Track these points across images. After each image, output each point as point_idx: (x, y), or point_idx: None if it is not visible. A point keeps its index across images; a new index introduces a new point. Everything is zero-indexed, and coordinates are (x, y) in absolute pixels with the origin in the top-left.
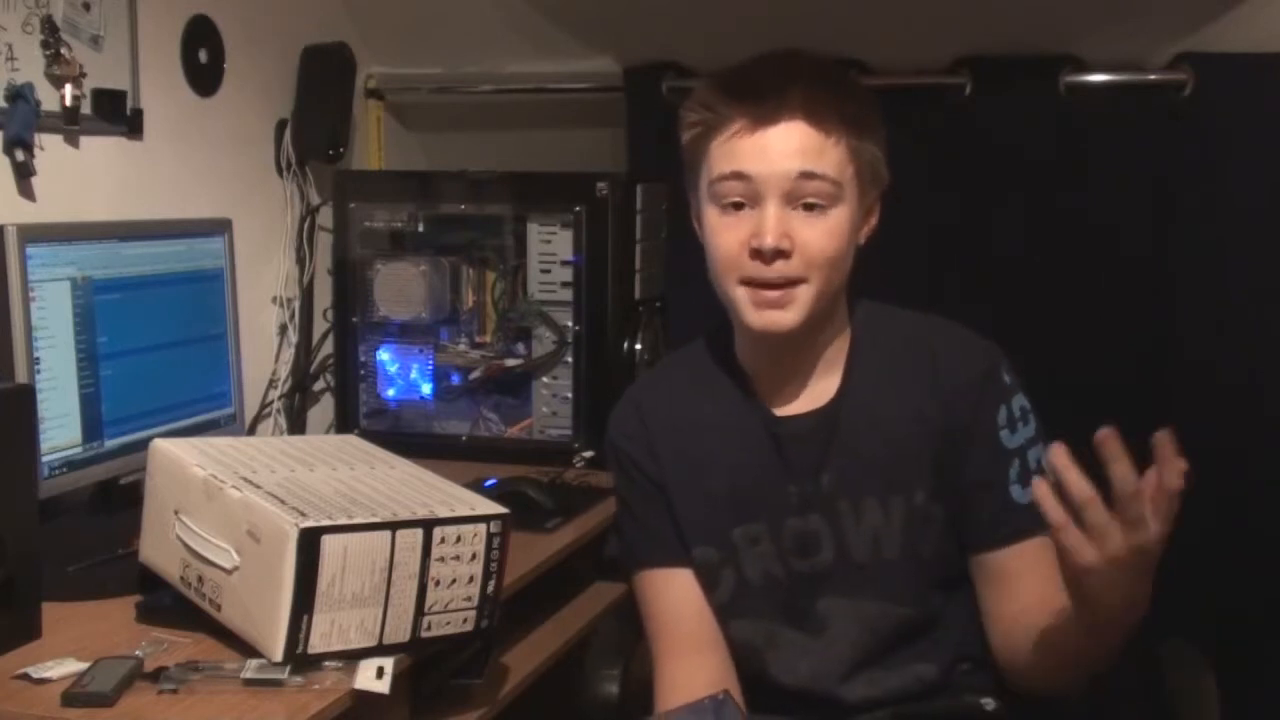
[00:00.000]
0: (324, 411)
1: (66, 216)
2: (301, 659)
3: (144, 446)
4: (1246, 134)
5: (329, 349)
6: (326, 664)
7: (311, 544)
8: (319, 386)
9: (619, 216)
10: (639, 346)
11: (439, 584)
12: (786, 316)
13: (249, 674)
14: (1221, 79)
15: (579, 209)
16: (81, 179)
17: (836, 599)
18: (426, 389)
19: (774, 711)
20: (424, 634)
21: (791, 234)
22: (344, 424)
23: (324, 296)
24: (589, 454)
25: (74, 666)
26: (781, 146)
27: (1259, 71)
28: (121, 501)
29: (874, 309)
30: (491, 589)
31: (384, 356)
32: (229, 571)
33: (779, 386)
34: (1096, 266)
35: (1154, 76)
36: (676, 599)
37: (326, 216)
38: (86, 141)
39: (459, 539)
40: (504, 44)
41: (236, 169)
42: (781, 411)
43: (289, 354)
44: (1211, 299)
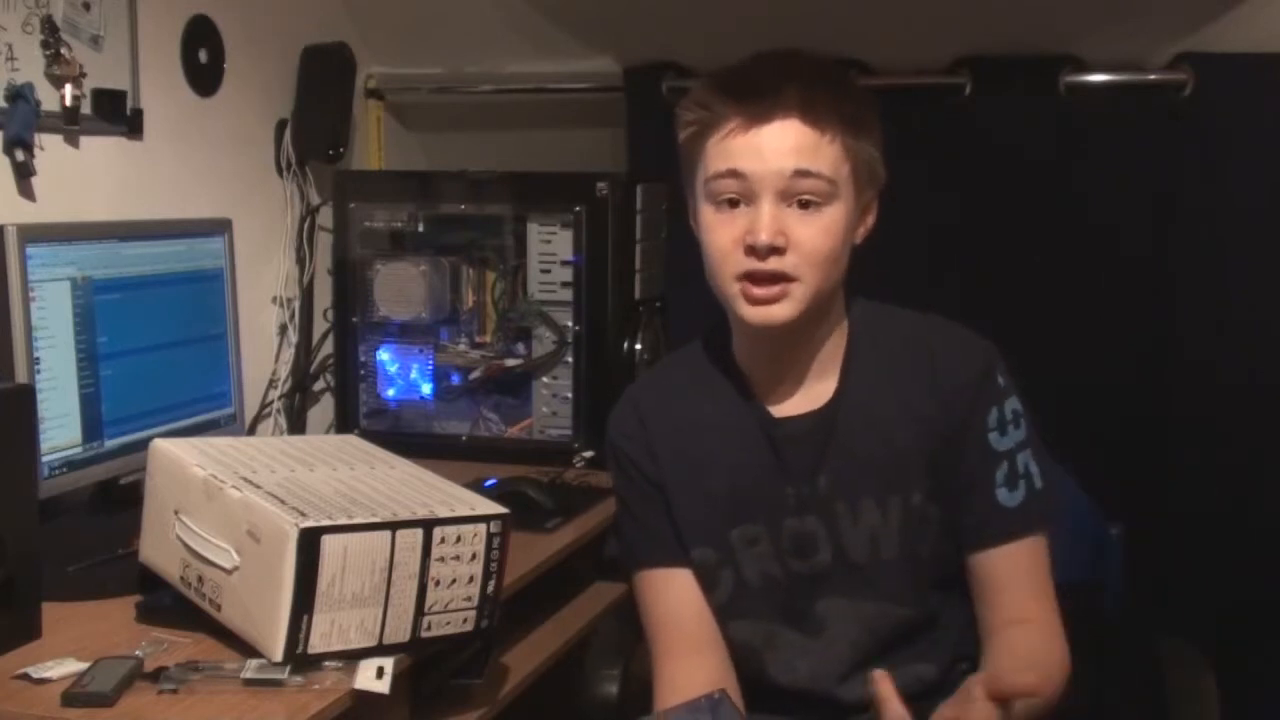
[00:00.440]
0: (324, 411)
1: (66, 216)
2: (301, 659)
3: (144, 446)
4: (1246, 134)
5: (329, 349)
6: (326, 664)
7: (311, 544)
8: (319, 386)
9: (619, 216)
10: (639, 346)
11: (439, 584)
12: (781, 311)
13: (249, 674)
14: (1221, 79)
15: (579, 209)
16: (81, 179)
17: (835, 599)
18: (426, 389)
19: (773, 712)
20: (424, 634)
21: (786, 231)
22: (344, 424)
23: (324, 296)
24: (589, 454)
25: (74, 666)
26: (776, 144)
27: (1259, 71)
28: (121, 501)
29: (871, 308)
30: (491, 589)
31: (384, 356)
32: (229, 571)
33: (776, 387)
34: (1096, 266)
35: (1154, 76)
36: (676, 599)
37: (326, 216)
38: (86, 141)
39: (459, 539)
40: (504, 44)
41: (236, 169)
42: (779, 412)
43: (289, 354)
44: (1211, 299)
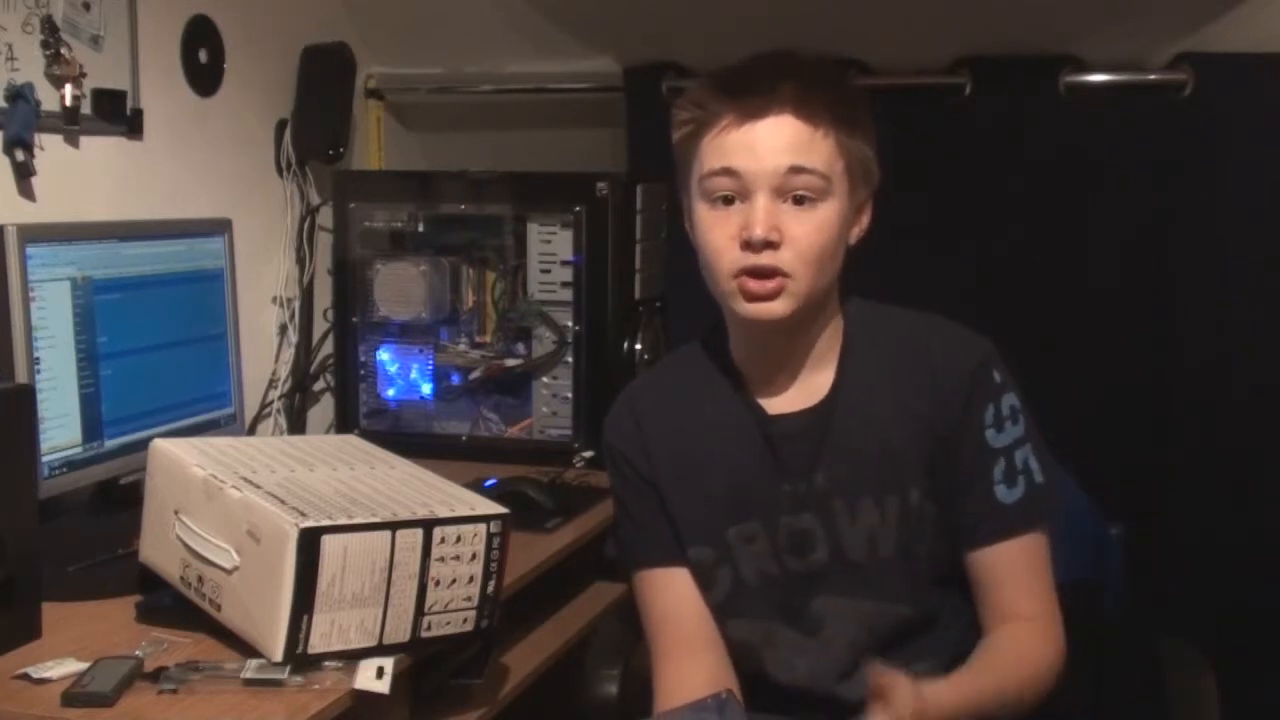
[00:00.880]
0: (324, 411)
1: (66, 216)
2: (301, 659)
3: (144, 446)
4: (1246, 134)
5: (329, 349)
6: (326, 664)
7: (311, 544)
8: (319, 386)
9: (619, 216)
10: (639, 346)
11: (439, 584)
12: (777, 307)
13: (249, 674)
14: (1221, 79)
15: (579, 209)
16: (81, 179)
17: (832, 598)
18: (426, 389)
19: (773, 711)
20: (424, 634)
21: (781, 227)
22: (344, 424)
23: (324, 296)
24: (589, 454)
25: (74, 666)
26: (770, 141)
27: (1259, 71)
28: (121, 501)
29: (867, 307)
30: (491, 589)
31: (384, 356)
32: (229, 571)
33: (771, 384)
34: (1096, 266)
35: (1154, 76)
36: (674, 599)
37: (326, 216)
38: (86, 141)
39: (459, 539)
40: (504, 44)
41: (236, 169)
42: (774, 409)
43: (289, 354)
44: (1211, 299)
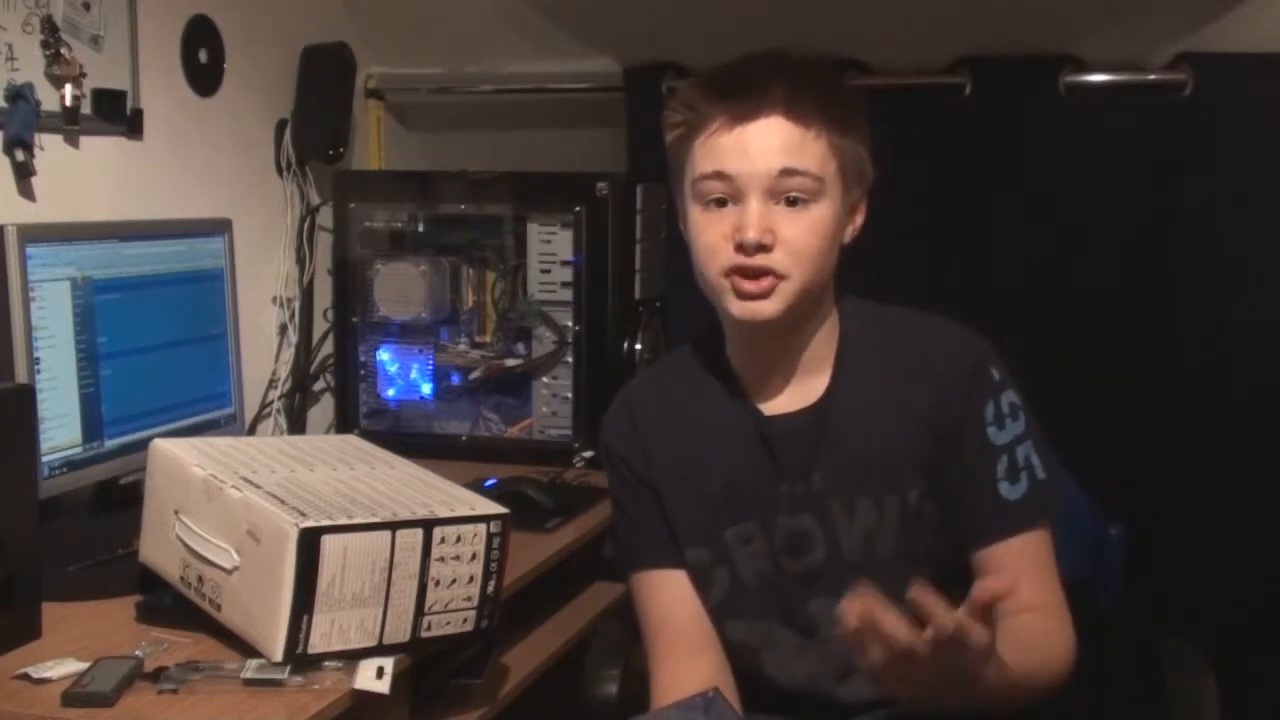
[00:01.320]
0: (324, 411)
1: (66, 216)
2: (301, 659)
3: (144, 446)
4: (1246, 134)
5: (329, 349)
6: (326, 664)
7: (311, 544)
8: (319, 386)
9: (619, 216)
10: (639, 346)
11: (439, 584)
12: (769, 307)
13: (249, 674)
14: (1221, 79)
15: (579, 209)
16: (81, 179)
17: (829, 599)
18: (426, 389)
19: (773, 712)
20: (424, 634)
21: (774, 228)
22: (344, 424)
23: (324, 296)
24: (589, 454)
25: (74, 666)
26: (762, 144)
27: (1259, 71)
28: (121, 501)
29: (862, 306)
30: (491, 589)
31: (384, 356)
32: (229, 571)
33: (767, 385)
34: (1096, 266)
35: (1154, 76)
36: (671, 600)
37: (326, 216)
38: (86, 141)
39: (459, 539)
40: (504, 44)
41: (236, 169)
42: (770, 411)
43: (289, 354)
44: (1211, 299)
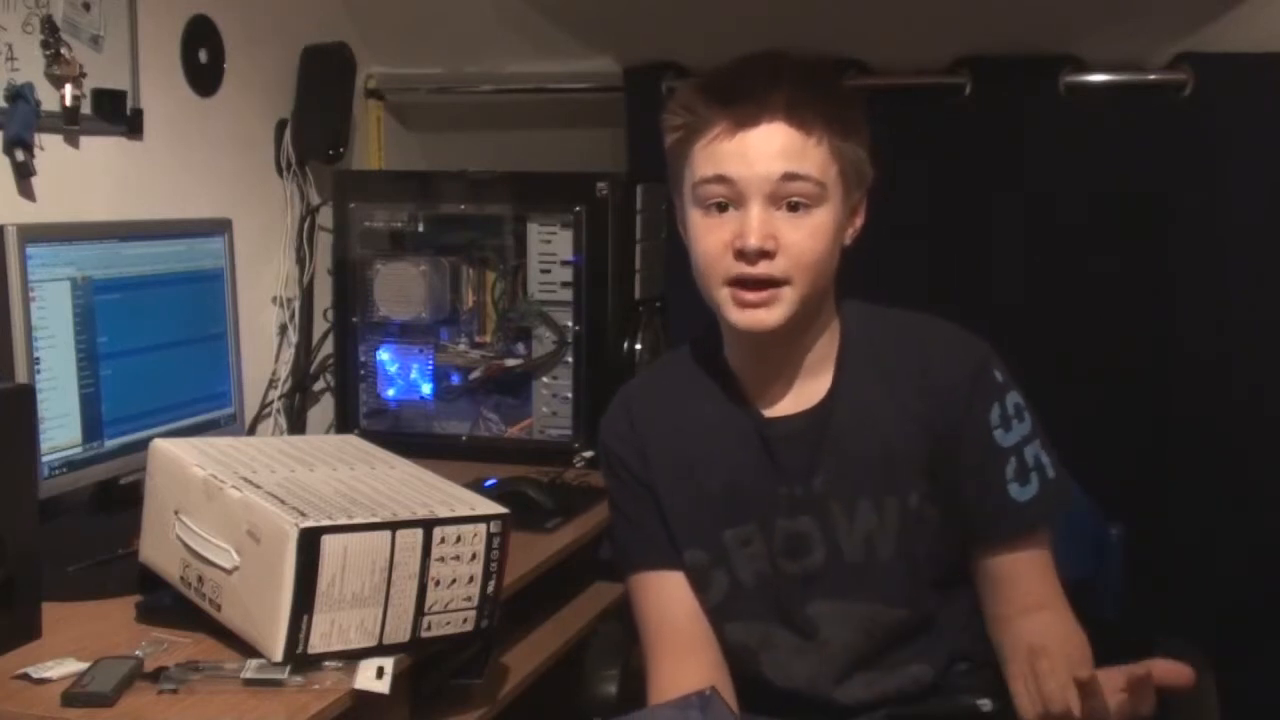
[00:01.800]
0: (324, 411)
1: (66, 216)
2: (301, 659)
3: (144, 446)
4: (1246, 134)
5: (329, 349)
6: (326, 664)
7: (311, 544)
8: (319, 386)
9: (619, 216)
10: (639, 346)
11: (439, 584)
12: (770, 315)
13: (249, 674)
14: (1221, 79)
15: (579, 209)
16: (81, 179)
17: (828, 601)
18: (426, 389)
19: (770, 713)
20: (424, 634)
21: (776, 234)
22: (344, 424)
23: (324, 296)
24: (589, 454)
25: (74, 666)
26: (763, 148)
27: (1259, 71)
28: (121, 501)
29: (862, 309)
30: (491, 589)
31: (384, 356)
32: (229, 571)
33: (768, 388)
34: (1096, 266)
35: (1154, 76)
36: (669, 600)
37: (326, 216)
38: (86, 141)
39: (459, 539)
40: (504, 44)
41: (236, 169)
42: (771, 413)
43: (289, 354)
44: (1211, 299)
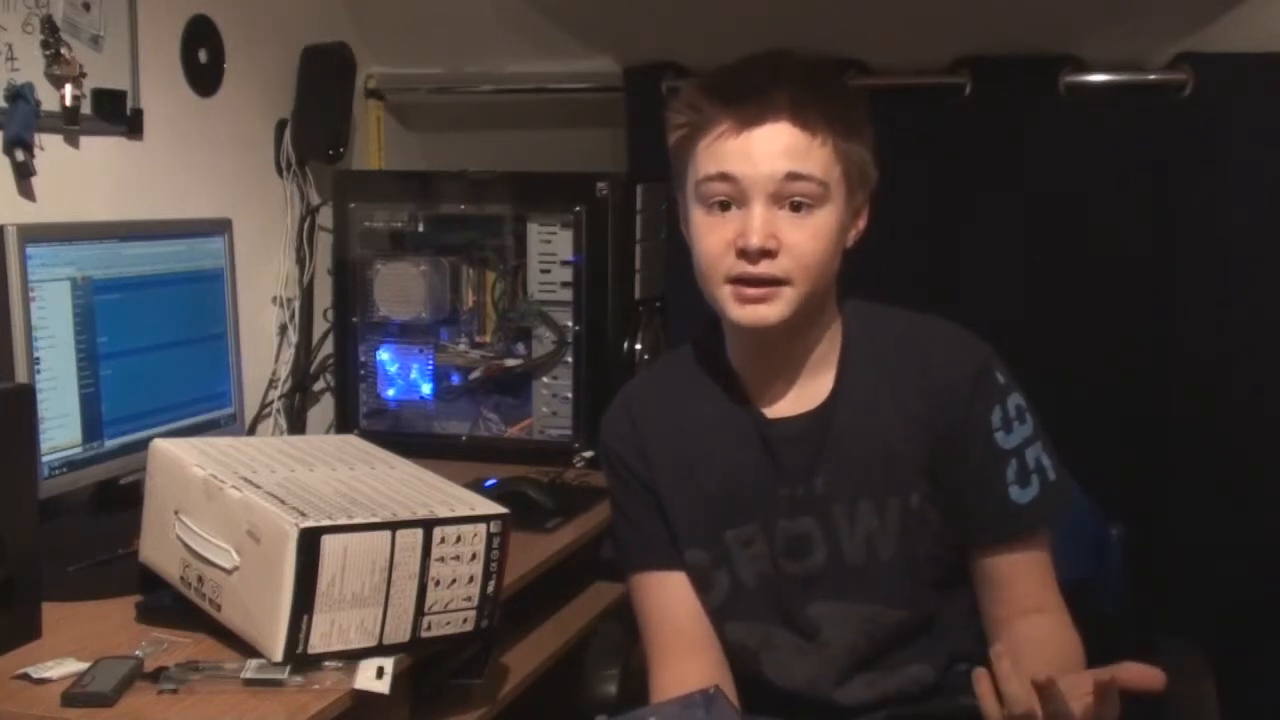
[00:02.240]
0: (324, 411)
1: (66, 216)
2: (301, 659)
3: (144, 446)
4: (1246, 134)
5: (329, 349)
6: (326, 664)
7: (311, 544)
8: (319, 386)
9: (619, 216)
10: (639, 346)
11: (439, 584)
12: (771, 311)
13: (249, 674)
14: (1221, 79)
15: (579, 209)
16: (81, 179)
17: (828, 602)
18: (426, 389)
19: (771, 714)
20: (424, 634)
21: (778, 234)
22: (344, 424)
23: (324, 296)
24: (589, 454)
25: (74, 666)
26: (767, 148)
27: (1259, 71)
28: (121, 501)
29: (864, 309)
30: (491, 589)
31: (384, 356)
32: (229, 571)
33: (769, 388)
34: (1096, 266)
35: (1154, 76)
36: (670, 600)
37: (326, 216)
38: (86, 141)
39: (459, 539)
40: (504, 44)
41: (236, 169)
42: (772, 413)
43: (289, 354)
44: (1211, 299)
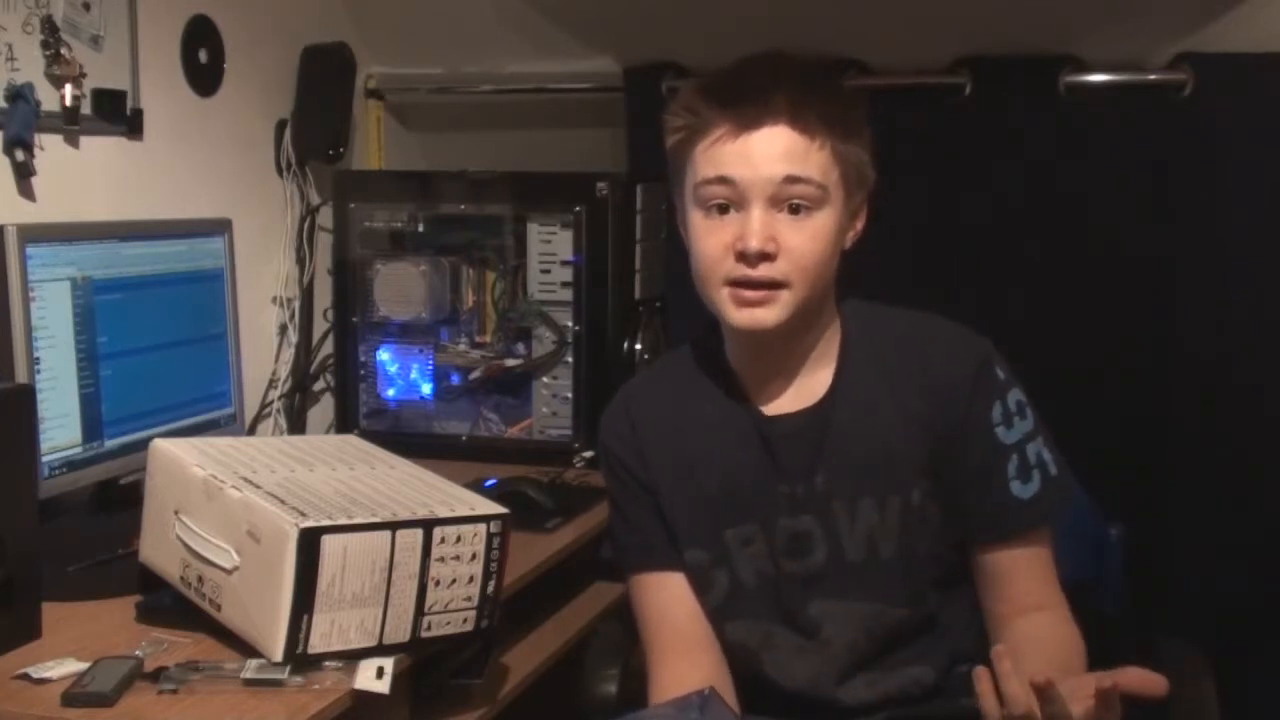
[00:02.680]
0: (324, 411)
1: (66, 216)
2: (301, 659)
3: (144, 446)
4: (1246, 134)
5: (329, 349)
6: (326, 664)
7: (311, 544)
8: (319, 386)
9: (619, 216)
10: (639, 346)
11: (439, 584)
12: (769, 314)
13: (249, 674)
14: (1221, 79)
15: (579, 209)
16: (81, 179)
17: (829, 601)
18: (426, 389)
19: (772, 714)
20: (424, 634)
21: (777, 237)
22: (344, 424)
23: (324, 296)
24: (589, 454)
25: (74, 666)
26: (766, 151)
27: (1259, 71)
28: (121, 501)
29: (863, 308)
30: (491, 589)
31: (384, 356)
32: (229, 571)
33: (768, 387)
34: (1096, 266)
35: (1154, 76)
36: (669, 601)
37: (326, 216)
38: (86, 141)
39: (459, 539)
40: (504, 44)
41: (236, 169)
42: (771, 412)
43: (289, 354)
44: (1211, 299)
